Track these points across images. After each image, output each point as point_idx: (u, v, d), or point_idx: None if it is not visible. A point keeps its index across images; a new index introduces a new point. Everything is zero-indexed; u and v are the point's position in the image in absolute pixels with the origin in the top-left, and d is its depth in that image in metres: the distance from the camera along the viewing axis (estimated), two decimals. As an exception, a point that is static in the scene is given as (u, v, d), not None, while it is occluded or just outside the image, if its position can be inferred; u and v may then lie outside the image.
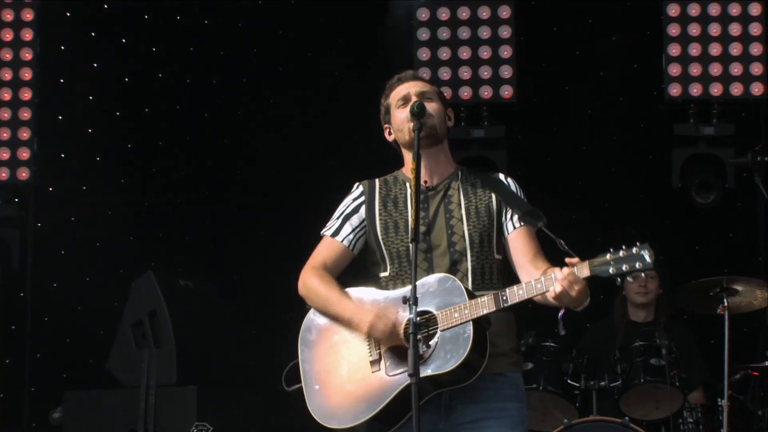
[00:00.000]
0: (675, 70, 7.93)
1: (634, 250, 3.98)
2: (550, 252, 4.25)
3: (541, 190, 5.60)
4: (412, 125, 4.29)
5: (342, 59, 8.52)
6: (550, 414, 6.85)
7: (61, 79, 8.20)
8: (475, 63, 8.08)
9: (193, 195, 8.46)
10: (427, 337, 4.13)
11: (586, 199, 8.23)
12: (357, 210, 4.44)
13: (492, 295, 4.10)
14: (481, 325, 4.10)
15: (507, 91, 8.04)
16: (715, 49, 7.93)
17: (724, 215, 8.11)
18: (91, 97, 8.19)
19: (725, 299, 6.48)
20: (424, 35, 8.12)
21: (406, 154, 4.47)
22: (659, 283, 7.26)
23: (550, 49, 8.38)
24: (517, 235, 4.33)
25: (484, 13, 8.10)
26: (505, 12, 8.08)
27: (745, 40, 7.91)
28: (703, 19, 7.95)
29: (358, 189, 4.49)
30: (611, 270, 3.98)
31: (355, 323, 4.26)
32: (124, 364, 7.06)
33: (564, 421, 6.46)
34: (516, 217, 4.33)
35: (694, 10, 7.96)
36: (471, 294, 4.13)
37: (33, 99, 7.97)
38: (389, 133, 4.50)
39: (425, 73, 7.62)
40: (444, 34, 8.11)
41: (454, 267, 4.25)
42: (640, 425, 6.46)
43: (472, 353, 4.06)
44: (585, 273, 4.01)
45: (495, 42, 8.08)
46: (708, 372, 7.09)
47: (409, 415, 4.03)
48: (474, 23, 8.10)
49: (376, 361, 4.22)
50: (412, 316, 3.96)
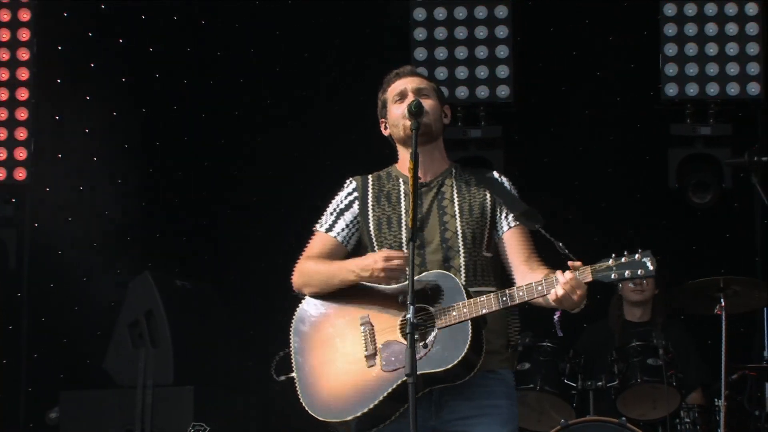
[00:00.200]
0: (672, 70, 7.93)
1: (636, 256, 4.00)
2: (547, 253, 4.24)
3: (537, 190, 5.62)
4: (408, 123, 4.27)
5: (340, 59, 8.52)
6: (547, 414, 6.85)
7: (59, 79, 8.19)
8: (471, 63, 8.07)
9: (191, 195, 8.45)
10: (424, 334, 4.11)
11: (583, 199, 8.21)
12: (350, 206, 4.41)
13: (492, 295, 4.10)
14: (478, 323, 4.10)
15: (504, 91, 8.04)
16: (711, 49, 7.92)
17: (721, 215, 8.10)
18: (88, 97, 8.18)
19: (722, 299, 6.46)
20: (420, 35, 8.12)
21: (401, 150, 4.44)
22: (655, 282, 7.26)
23: (547, 49, 8.37)
24: (511, 235, 4.32)
25: (480, 12, 8.09)
26: (501, 12, 8.08)
27: (742, 39, 7.90)
28: (700, 19, 7.94)
29: (351, 184, 4.46)
30: (613, 276, 4.01)
31: (367, 268, 4.17)
32: (121, 364, 7.06)
33: (561, 421, 6.45)
34: (511, 217, 4.32)
35: (690, 10, 7.95)
36: (469, 293, 4.12)
37: (30, 99, 7.95)
38: (385, 127, 4.48)
39: (422, 73, 7.61)
40: (441, 34, 8.10)
41: (447, 263, 4.24)
42: (637, 425, 6.46)
43: (470, 352, 4.06)
44: (587, 278, 4.02)
45: (492, 42, 8.07)
46: (707, 373, 7.07)
47: (399, 412, 4.04)
48: (471, 23, 8.10)
49: (371, 356, 4.18)
50: (409, 315, 3.95)
